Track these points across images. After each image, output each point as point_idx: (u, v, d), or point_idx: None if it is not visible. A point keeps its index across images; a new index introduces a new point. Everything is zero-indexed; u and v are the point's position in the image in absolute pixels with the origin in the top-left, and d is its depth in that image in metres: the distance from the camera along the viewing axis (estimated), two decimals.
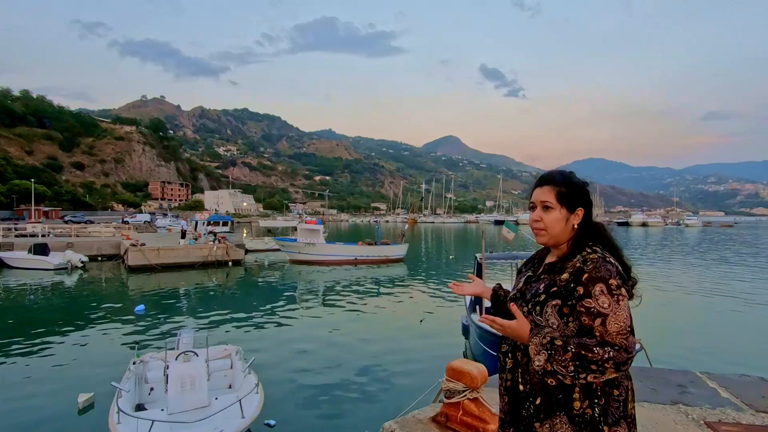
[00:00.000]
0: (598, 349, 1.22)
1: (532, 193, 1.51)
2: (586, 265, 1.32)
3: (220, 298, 15.78)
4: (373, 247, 26.13)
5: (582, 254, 1.38)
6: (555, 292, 1.36)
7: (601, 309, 1.26)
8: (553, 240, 1.46)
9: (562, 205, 1.44)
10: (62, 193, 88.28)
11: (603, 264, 1.31)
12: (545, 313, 1.36)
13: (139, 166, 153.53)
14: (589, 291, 1.29)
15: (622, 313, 1.26)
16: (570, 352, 1.23)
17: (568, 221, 1.44)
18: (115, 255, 25.04)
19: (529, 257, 1.69)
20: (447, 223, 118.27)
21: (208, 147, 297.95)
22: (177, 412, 5.10)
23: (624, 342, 1.23)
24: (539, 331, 1.32)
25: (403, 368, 8.09)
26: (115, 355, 8.65)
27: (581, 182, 1.49)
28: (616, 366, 1.21)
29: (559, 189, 1.45)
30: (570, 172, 1.52)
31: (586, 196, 1.48)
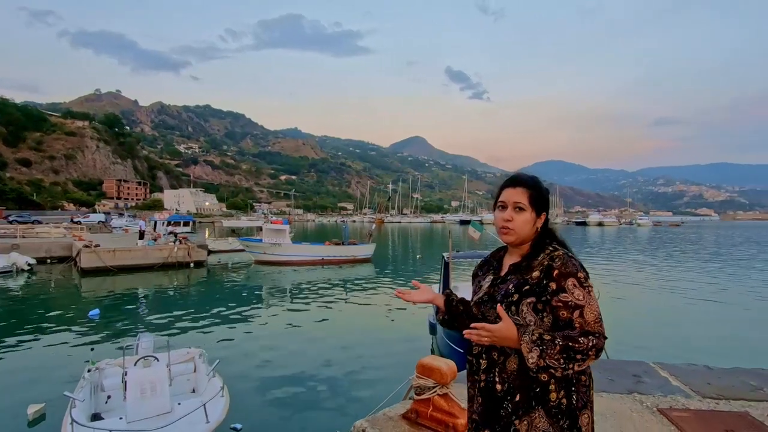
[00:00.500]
0: (582, 339, 1.28)
1: (501, 192, 1.55)
2: (554, 261, 1.39)
3: (181, 300, 15.24)
4: (340, 247, 26.00)
5: (546, 252, 1.45)
6: (528, 290, 1.40)
7: (577, 301, 1.33)
8: (519, 240, 1.51)
9: (533, 207, 1.49)
10: (6, 191, 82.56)
11: (569, 259, 1.39)
12: (521, 312, 1.40)
13: (92, 163, 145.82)
14: (562, 286, 1.35)
15: (594, 303, 1.35)
16: (558, 345, 1.28)
17: (534, 224, 1.50)
18: (66, 257, 23.67)
19: (484, 260, 1.71)
20: (413, 222, 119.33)
21: (167, 144, 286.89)
22: (137, 419, 4.90)
23: (600, 329, 1.33)
24: (525, 330, 1.35)
25: (373, 367, 8.11)
26: (67, 363, 8.19)
27: (546, 188, 1.57)
28: (597, 352, 1.29)
29: (531, 192, 1.50)
30: (536, 177, 1.58)
31: (548, 202, 1.56)
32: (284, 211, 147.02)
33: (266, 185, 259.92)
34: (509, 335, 1.37)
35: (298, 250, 25.08)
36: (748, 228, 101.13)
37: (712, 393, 3.32)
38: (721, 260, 28.72)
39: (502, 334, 1.37)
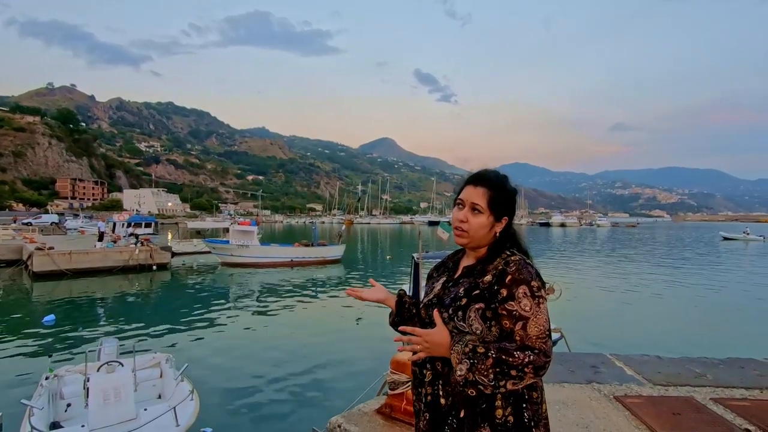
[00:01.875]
0: (518, 353, 1.16)
1: (462, 189, 1.42)
2: (509, 266, 1.27)
3: (144, 304, 14.73)
4: (310, 248, 25.82)
5: (502, 257, 1.32)
6: (477, 295, 1.28)
7: (522, 312, 1.20)
8: (473, 243, 1.40)
9: (491, 211, 1.36)
10: None
11: (525, 266, 1.27)
12: (468, 318, 1.27)
13: (44, 161, 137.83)
14: (512, 293, 1.22)
15: (542, 316, 1.21)
16: (490, 358, 1.15)
17: (492, 228, 1.38)
18: (16, 260, 22.34)
19: (441, 261, 1.60)
20: (383, 224, 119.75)
21: (127, 142, 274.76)
22: (99, 427, 4.75)
23: (543, 346, 1.18)
24: (461, 339, 1.24)
25: (346, 366, 8.16)
26: (22, 371, 7.79)
27: (513, 190, 1.42)
28: (535, 370, 1.16)
29: (492, 193, 1.36)
30: (505, 175, 1.43)
31: (513, 206, 1.41)
32: (251, 212, 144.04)
33: (232, 185, 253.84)
34: (441, 342, 1.26)
35: (266, 252, 24.71)
36: (697, 228, 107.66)
37: (662, 380, 3.59)
38: (673, 258, 30.49)
39: (433, 339, 1.26)
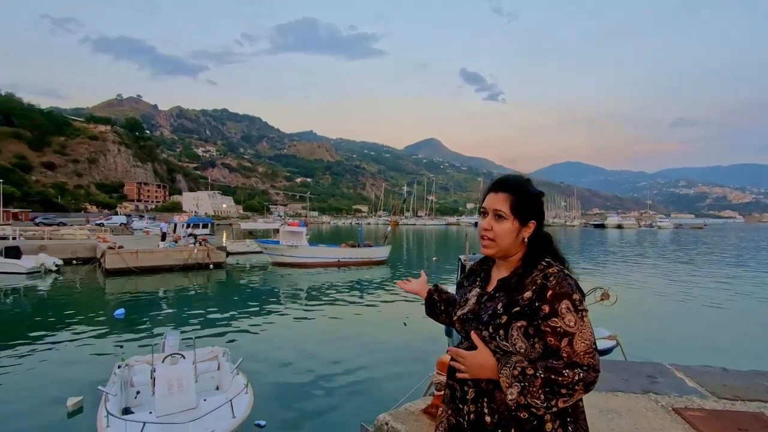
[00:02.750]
0: (567, 371, 1.12)
1: (485, 197, 1.37)
2: (549, 280, 1.20)
3: (202, 301, 15.62)
4: (356, 249, 26.22)
5: (539, 269, 1.25)
6: (518, 312, 1.22)
7: (567, 328, 1.15)
8: (501, 252, 1.33)
9: (515, 216, 1.30)
10: (32, 194, 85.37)
11: (564, 278, 1.21)
12: (511, 337, 1.22)
13: (114, 166, 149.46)
14: (555, 309, 1.17)
15: (587, 330, 1.17)
16: (539, 379, 1.13)
17: (519, 234, 1.31)
18: (91, 258, 24.41)
19: (470, 269, 1.53)
20: (428, 225, 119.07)
21: (186, 147, 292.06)
22: (165, 414, 5.12)
23: (591, 361, 1.15)
24: (508, 361, 1.20)
25: (392, 365, 8.25)
26: (98, 360, 8.55)
27: (537, 192, 1.36)
28: (585, 387, 1.13)
29: (514, 198, 1.30)
30: (527, 179, 1.38)
31: (540, 208, 1.35)
32: (300, 213, 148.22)
33: (282, 187, 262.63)
34: (485, 365, 1.24)
35: (314, 252, 25.37)
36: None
37: (728, 394, 3.36)
38: (743, 264, 28.03)
39: (477, 362, 1.24)
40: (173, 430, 4.62)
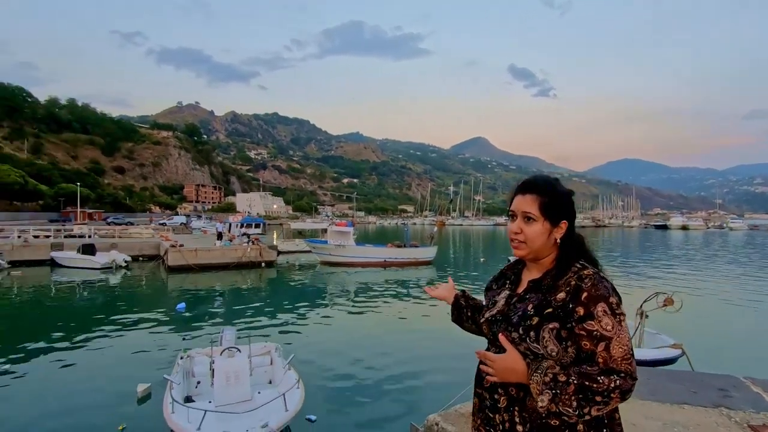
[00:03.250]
0: (603, 378, 1.07)
1: (512, 200, 1.35)
2: (584, 282, 1.17)
3: (254, 298, 16.28)
4: (402, 249, 26.27)
5: (573, 270, 1.22)
6: (551, 314, 1.19)
7: (604, 332, 1.11)
8: (533, 254, 1.31)
9: (545, 217, 1.28)
10: (104, 195, 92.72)
11: (600, 281, 1.17)
12: (542, 339, 1.18)
13: (175, 169, 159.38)
14: (591, 311, 1.13)
15: (625, 335, 1.12)
16: (572, 384, 1.08)
17: (551, 235, 1.29)
18: (155, 255, 26.16)
19: (500, 272, 1.50)
20: (475, 225, 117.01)
21: (239, 150, 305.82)
22: (223, 404, 5.41)
23: (629, 368, 1.10)
24: (539, 366, 1.16)
25: (441, 366, 8.20)
26: (162, 350, 9.16)
27: (566, 191, 1.33)
28: (622, 395, 1.08)
29: (543, 199, 1.28)
30: (555, 178, 1.35)
31: (570, 208, 1.32)
32: (346, 213, 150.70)
33: (329, 188, 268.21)
34: (515, 368, 1.20)
35: (361, 252, 25.70)
36: None
37: None
38: None
39: (506, 365, 1.21)
40: (230, 420, 4.86)
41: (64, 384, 7.50)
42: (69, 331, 10.78)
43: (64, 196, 72.10)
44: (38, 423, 6.02)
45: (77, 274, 20.35)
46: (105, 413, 6.26)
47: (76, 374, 7.95)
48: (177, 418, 4.84)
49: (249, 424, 4.70)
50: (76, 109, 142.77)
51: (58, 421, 6.07)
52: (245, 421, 4.82)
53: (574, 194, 1.36)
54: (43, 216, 63.03)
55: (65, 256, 22.85)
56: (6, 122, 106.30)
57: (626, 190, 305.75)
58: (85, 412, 6.32)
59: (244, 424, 4.69)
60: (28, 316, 13.11)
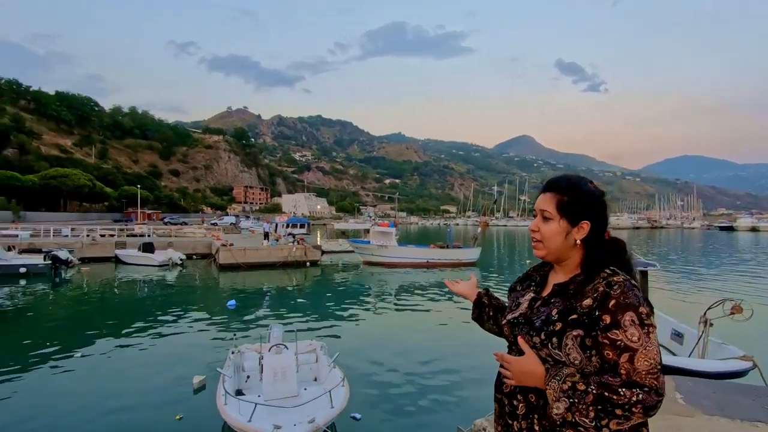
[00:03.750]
0: (624, 390, 1.02)
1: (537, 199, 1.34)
2: (612, 289, 1.11)
3: (299, 296, 16.71)
4: (445, 250, 26.03)
5: (602, 276, 1.17)
6: (575, 321, 1.14)
7: (629, 343, 1.05)
8: (551, 255, 1.28)
9: (561, 215, 1.24)
10: (161, 197, 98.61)
11: (631, 288, 1.11)
12: (565, 346, 1.14)
13: (225, 172, 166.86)
14: (617, 320, 1.07)
15: (653, 348, 1.05)
16: (591, 394, 1.04)
17: (569, 235, 1.24)
18: (207, 254, 27.49)
19: (525, 274, 1.47)
20: (520, 226, 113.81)
21: (285, 153, 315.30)
22: (271, 399, 5.59)
23: (654, 382, 1.04)
24: (557, 373, 1.12)
25: (486, 369, 8.04)
26: (214, 344, 9.63)
27: (592, 191, 1.26)
28: (645, 410, 1.02)
29: (561, 197, 1.25)
30: (583, 178, 1.30)
31: (596, 208, 1.24)
32: (388, 213, 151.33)
33: (371, 189, 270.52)
34: (533, 372, 1.17)
35: (403, 253, 25.70)
36: None
37: None
38: None
39: (523, 368, 1.18)
40: (279, 414, 5.02)
41: (128, 372, 8.04)
42: (131, 324, 11.55)
43: (126, 198, 77.43)
44: (104, 405, 6.49)
45: (138, 271, 21.77)
46: (164, 402, 6.66)
47: (138, 363, 8.51)
48: (230, 409, 5.06)
49: (296, 419, 4.83)
50: (137, 116, 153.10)
51: (122, 407, 6.51)
52: (293, 415, 4.95)
53: (606, 195, 1.29)
54: (108, 216, 68.12)
55: (128, 253, 24.51)
56: (77, 130, 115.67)
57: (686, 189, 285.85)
58: (146, 400, 6.75)
59: (291, 419, 4.83)
60: (96, 308, 14.18)
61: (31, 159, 72.84)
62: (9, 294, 15.71)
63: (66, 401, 6.71)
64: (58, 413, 6.30)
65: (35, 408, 6.46)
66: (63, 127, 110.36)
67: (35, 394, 7.02)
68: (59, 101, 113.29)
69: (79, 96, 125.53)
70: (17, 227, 32.10)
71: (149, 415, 6.26)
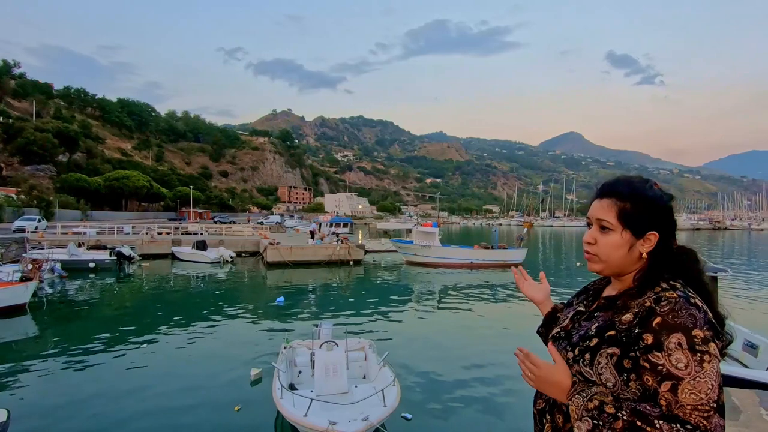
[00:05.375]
0: (661, 423, 0.86)
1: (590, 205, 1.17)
2: (660, 305, 0.96)
3: (344, 294, 16.97)
4: (490, 251, 25.52)
5: (655, 290, 1.01)
6: (612, 338, 1.00)
7: (672, 369, 0.89)
8: (609, 270, 1.12)
9: (624, 226, 1.07)
10: (212, 197, 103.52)
11: (686, 306, 0.94)
12: (597, 365, 1.01)
13: (270, 172, 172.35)
14: (660, 341, 0.92)
15: (706, 380, 0.87)
16: (620, 420, 0.89)
17: (633, 248, 1.07)
18: (255, 252, 28.50)
19: (583, 288, 1.31)
20: (567, 226, 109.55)
21: (327, 153, 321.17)
22: (323, 394, 5.71)
23: (703, 422, 0.85)
24: (584, 389, 0.99)
25: None
26: (266, 339, 9.99)
27: (658, 196, 1.08)
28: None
29: (622, 205, 1.08)
30: (646, 180, 1.12)
31: (665, 216, 1.07)
32: (429, 213, 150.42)
33: (413, 188, 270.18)
34: (558, 382, 1.05)
35: (447, 253, 25.47)
36: None
37: None
38: None
39: (545, 376, 1.06)
40: (333, 410, 5.12)
41: (188, 363, 8.52)
42: (188, 317, 12.22)
43: (180, 198, 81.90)
44: (166, 396, 6.89)
45: (192, 267, 22.93)
46: (222, 393, 6.98)
47: (197, 355, 8.98)
48: (285, 403, 5.23)
49: (350, 416, 4.91)
50: (190, 120, 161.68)
51: (182, 396, 6.89)
52: (346, 412, 5.04)
53: (674, 199, 1.11)
54: (163, 215, 72.39)
55: (183, 251, 25.88)
56: (136, 134, 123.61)
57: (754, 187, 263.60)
58: (205, 391, 7.10)
59: (345, 416, 4.92)
60: (156, 301, 15.08)
61: (97, 162, 78.60)
62: (81, 287, 17.05)
63: (126, 389, 7.16)
64: (117, 400, 6.72)
65: (101, 394, 6.96)
66: (124, 132, 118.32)
67: (98, 380, 7.59)
68: (121, 108, 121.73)
69: (138, 102, 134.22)
70: (86, 225, 34.83)
71: (209, 405, 6.58)
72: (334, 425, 4.65)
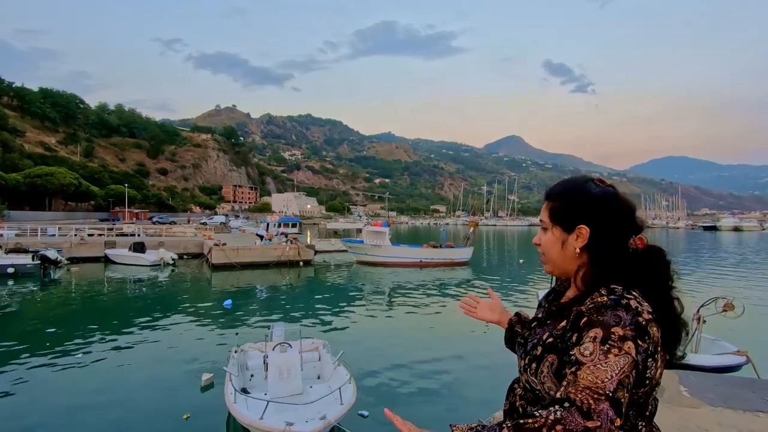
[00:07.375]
0: (541, 411, 0.82)
1: None
2: (587, 306, 0.93)
3: (294, 295, 16.73)
4: (438, 250, 26.19)
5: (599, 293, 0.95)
6: (551, 344, 0.98)
7: (579, 356, 0.86)
8: (557, 270, 1.11)
9: (554, 223, 1.08)
10: (149, 196, 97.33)
11: (613, 308, 0.89)
12: (540, 374, 0.97)
13: (214, 171, 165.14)
14: (581, 337, 0.89)
15: (608, 369, 0.82)
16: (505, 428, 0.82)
17: (566, 244, 1.06)
18: (199, 254, 27.26)
19: (551, 288, 1.24)
20: (510, 225, 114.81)
21: (274, 152, 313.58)
22: (277, 396, 5.64)
23: (589, 401, 0.80)
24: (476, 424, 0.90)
25: (482, 370, 8.18)
26: (214, 343, 9.62)
27: (592, 192, 1.04)
28: None
29: (553, 204, 1.09)
30: (587, 179, 1.09)
31: (596, 210, 1.02)
32: (378, 213, 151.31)
33: (361, 188, 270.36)
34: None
35: (397, 252, 25.81)
36: None
37: None
38: None
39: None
40: (289, 411, 5.07)
41: (128, 372, 8.00)
42: (127, 323, 11.47)
43: (113, 197, 76.27)
44: (106, 409, 6.45)
45: (129, 271, 21.53)
46: (170, 401, 6.66)
47: (138, 363, 8.47)
48: (239, 407, 5.11)
49: (307, 416, 4.89)
50: (124, 114, 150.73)
51: (124, 407, 6.49)
52: (302, 412, 5.02)
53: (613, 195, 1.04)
54: (94, 215, 66.99)
55: (118, 253, 24.19)
56: (62, 127, 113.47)
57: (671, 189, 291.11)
58: (151, 400, 6.75)
59: (303, 416, 4.89)
60: (89, 308, 14.02)
61: (15, 157, 71.28)
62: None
63: (64, 403, 6.65)
64: (55, 416, 6.24)
65: (30, 409, 6.40)
66: (47, 125, 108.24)
67: (31, 396, 6.96)
68: (43, 98, 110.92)
69: (64, 93, 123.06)
70: (2, 226, 31.47)
71: (156, 415, 6.26)
72: (292, 426, 4.62)
